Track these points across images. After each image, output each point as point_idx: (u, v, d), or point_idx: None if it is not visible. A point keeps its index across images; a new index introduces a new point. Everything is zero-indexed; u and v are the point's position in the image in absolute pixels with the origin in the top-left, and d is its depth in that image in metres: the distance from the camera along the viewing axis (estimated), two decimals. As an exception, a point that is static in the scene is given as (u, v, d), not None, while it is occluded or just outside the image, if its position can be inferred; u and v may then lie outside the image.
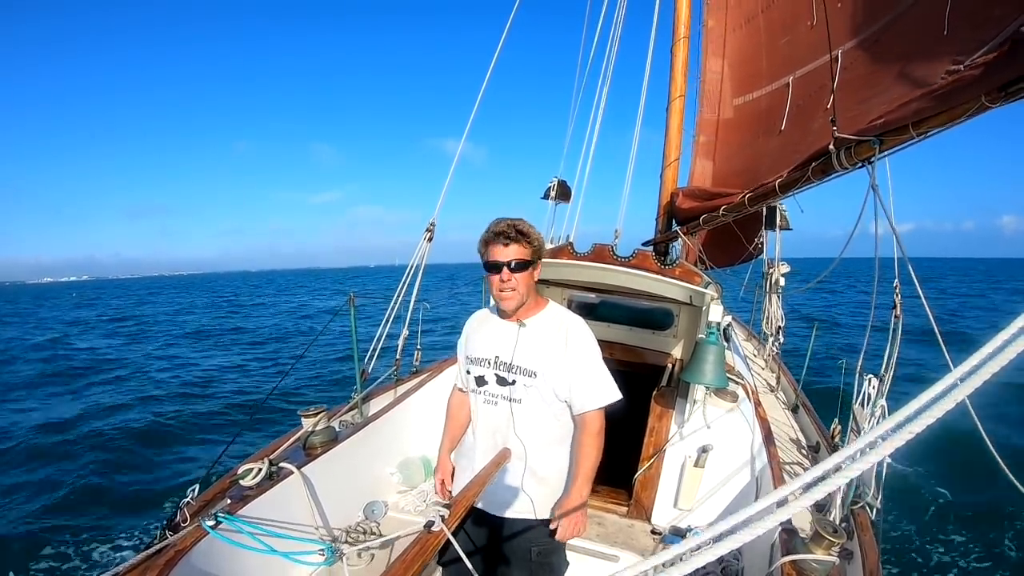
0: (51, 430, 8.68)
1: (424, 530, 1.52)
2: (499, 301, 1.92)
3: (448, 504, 1.66)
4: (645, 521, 2.90)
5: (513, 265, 1.82)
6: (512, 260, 1.82)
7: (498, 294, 1.89)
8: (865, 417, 2.38)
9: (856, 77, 2.83)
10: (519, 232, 1.83)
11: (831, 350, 11.92)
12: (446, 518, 1.55)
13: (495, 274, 1.85)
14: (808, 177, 2.51)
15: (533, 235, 1.87)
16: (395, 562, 1.39)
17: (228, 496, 2.26)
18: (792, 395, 4.37)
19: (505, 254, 1.82)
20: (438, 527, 1.51)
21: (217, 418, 9.26)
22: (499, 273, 1.83)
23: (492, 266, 1.85)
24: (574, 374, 1.91)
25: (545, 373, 1.90)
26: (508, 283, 1.84)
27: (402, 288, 3.81)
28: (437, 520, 1.53)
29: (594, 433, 1.94)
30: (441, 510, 1.59)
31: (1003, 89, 1.48)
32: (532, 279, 1.91)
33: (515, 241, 1.82)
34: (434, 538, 1.49)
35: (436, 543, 1.50)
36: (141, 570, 1.78)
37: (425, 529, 1.52)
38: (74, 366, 14.76)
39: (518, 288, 1.86)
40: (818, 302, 27.29)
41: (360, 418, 3.21)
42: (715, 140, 4.96)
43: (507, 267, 1.82)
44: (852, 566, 2.11)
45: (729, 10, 4.94)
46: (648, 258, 3.50)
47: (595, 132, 5.43)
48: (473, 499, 1.78)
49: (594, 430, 1.94)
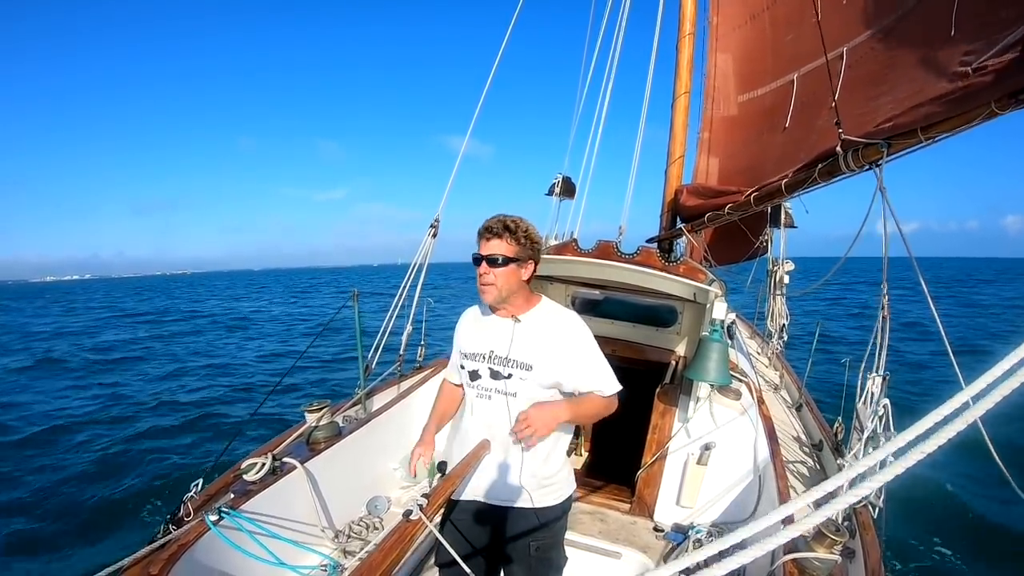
0: (52, 426, 8.72)
1: (403, 519, 1.54)
2: (480, 294, 1.94)
3: (427, 494, 1.68)
4: (647, 518, 2.91)
5: (491, 259, 1.83)
6: (491, 254, 1.83)
7: (479, 287, 1.90)
8: (868, 416, 2.38)
9: (863, 75, 2.82)
10: (504, 227, 1.82)
11: (834, 348, 11.92)
12: (424, 507, 1.58)
13: (477, 267, 1.87)
14: (815, 178, 2.50)
15: (521, 232, 1.84)
16: (374, 551, 1.41)
17: (231, 491, 2.28)
18: (795, 393, 4.37)
19: (486, 248, 1.83)
20: (416, 516, 1.54)
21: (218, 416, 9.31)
22: (479, 266, 1.85)
23: (474, 259, 1.88)
24: (576, 367, 1.92)
25: (541, 366, 1.91)
26: (485, 276, 1.85)
27: (406, 284, 3.81)
28: (415, 509, 1.56)
29: (604, 400, 1.96)
30: (420, 499, 1.61)
31: (1013, 96, 1.47)
32: (517, 276, 1.89)
33: (497, 236, 1.82)
34: (412, 527, 1.52)
35: (414, 531, 1.52)
36: (144, 564, 1.80)
37: (404, 518, 1.55)
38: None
39: (496, 283, 1.85)
40: (820, 303, 27.22)
41: (363, 413, 3.23)
42: (720, 137, 4.94)
43: (485, 261, 1.84)
44: (854, 564, 2.12)
45: (734, 7, 4.90)
46: (652, 255, 3.50)
47: (600, 129, 5.42)
48: (452, 489, 1.80)
49: (601, 399, 1.95)
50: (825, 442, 3.32)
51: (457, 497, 2.06)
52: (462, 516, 2.07)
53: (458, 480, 1.83)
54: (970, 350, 11.99)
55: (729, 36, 4.96)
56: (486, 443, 1.99)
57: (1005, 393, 0.54)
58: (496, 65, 4.55)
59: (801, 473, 3.08)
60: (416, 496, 1.64)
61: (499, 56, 4.56)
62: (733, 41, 4.92)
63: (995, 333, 16.37)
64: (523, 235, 1.85)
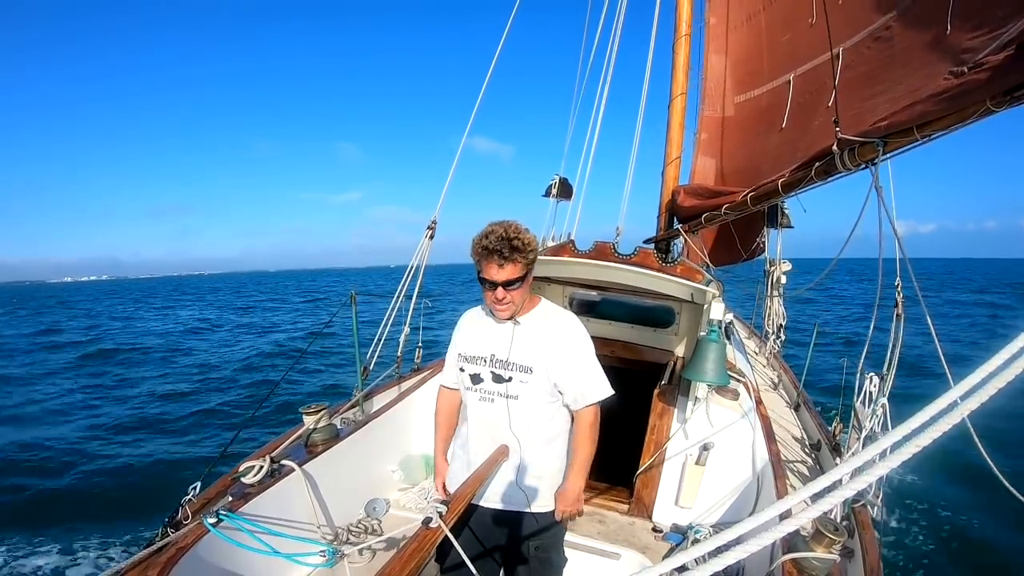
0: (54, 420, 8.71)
1: (422, 526, 1.54)
2: (494, 312, 1.93)
3: (446, 501, 1.67)
4: (646, 519, 2.91)
5: (508, 285, 1.81)
6: (507, 279, 1.80)
7: (493, 307, 1.90)
8: (866, 415, 2.39)
9: (859, 75, 2.83)
10: (513, 249, 1.77)
11: (831, 344, 11.92)
12: (444, 514, 1.57)
13: (490, 291, 1.85)
14: (811, 177, 2.51)
15: (526, 248, 1.81)
16: (393, 558, 1.40)
17: (230, 493, 2.27)
18: (793, 393, 4.37)
19: (500, 274, 1.79)
20: (436, 523, 1.53)
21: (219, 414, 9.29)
22: (494, 291, 1.83)
23: (487, 283, 1.84)
24: (568, 370, 1.93)
25: (541, 369, 1.92)
26: (503, 300, 1.84)
27: (403, 286, 3.81)
28: (435, 517, 1.55)
29: (587, 426, 1.98)
30: (439, 506, 1.60)
31: (1008, 93, 1.48)
32: (527, 286, 1.90)
33: (509, 261, 1.78)
34: (432, 534, 1.51)
35: (434, 539, 1.51)
36: (143, 568, 1.79)
37: (423, 525, 1.54)
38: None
39: (514, 301, 1.87)
40: (819, 303, 27.24)
41: (362, 415, 3.22)
42: (716, 138, 4.95)
43: (502, 287, 1.81)
44: (853, 564, 2.12)
45: (730, 7, 4.92)
46: (650, 256, 3.51)
47: (596, 130, 5.43)
48: (471, 495, 1.81)
49: (587, 423, 1.98)
50: (823, 442, 3.32)
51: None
52: (464, 519, 2.07)
53: (478, 486, 1.84)
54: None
55: (725, 37, 4.97)
56: (504, 448, 1.99)
57: (994, 390, 0.55)
58: (493, 65, 4.57)
59: (800, 472, 3.08)
60: (435, 503, 1.62)
61: (496, 55, 4.57)
62: (729, 42, 4.93)
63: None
64: (530, 251, 1.83)
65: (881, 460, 0.59)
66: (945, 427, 0.56)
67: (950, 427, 0.56)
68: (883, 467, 0.58)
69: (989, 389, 0.55)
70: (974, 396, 0.56)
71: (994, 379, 0.55)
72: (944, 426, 0.56)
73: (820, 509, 0.60)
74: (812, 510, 0.60)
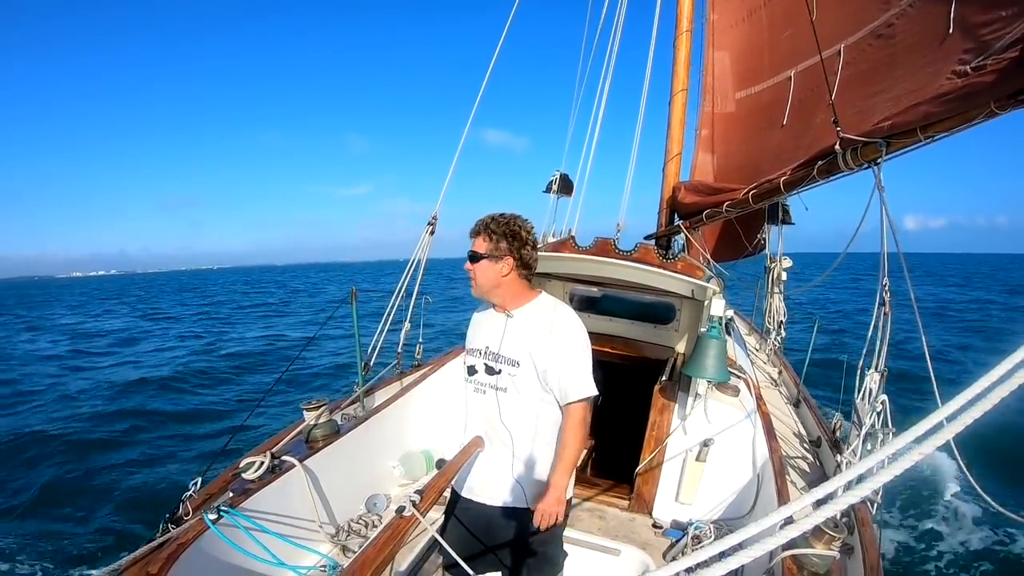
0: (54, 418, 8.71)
1: (396, 515, 1.57)
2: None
3: (420, 491, 1.70)
4: (646, 515, 2.92)
5: (471, 256, 1.93)
6: (472, 251, 1.93)
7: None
8: (867, 412, 2.39)
9: (860, 72, 2.82)
10: (484, 226, 1.91)
11: (832, 340, 11.92)
12: (417, 503, 1.61)
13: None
14: (813, 176, 2.50)
15: (499, 229, 1.90)
16: (367, 546, 1.44)
17: (230, 489, 2.28)
18: (794, 389, 4.38)
19: (472, 245, 1.94)
20: (409, 512, 1.57)
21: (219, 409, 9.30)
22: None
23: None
24: (554, 365, 1.91)
25: (527, 363, 1.92)
26: (469, 272, 1.95)
27: (403, 282, 3.81)
28: (408, 505, 1.59)
29: (575, 424, 1.93)
30: (413, 496, 1.63)
31: (1013, 96, 1.47)
32: (494, 271, 1.92)
33: (477, 234, 1.93)
34: (406, 522, 1.55)
35: (407, 527, 1.55)
36: (144, 563, 1.80)
37: (397, 514, 1.57)
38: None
39: (476, 278, 1.95)
40: (820, 299, 27.14)
41: (362, 411, 3.22)
42: (717, 134, 4.94)
43: (469, 259, 1.93)
44: (853, 561, 2.13)
45: (731, 3, 4.90)
46: (650, 252, 3.51)
47: (597, 126, 5.42)
48: (445, 485, 1.84)
49: (575, 421, 1.93)
50: (823, 438, 3.33)
51: (457, 494, 2.09)
52: (463, 516, 2.09)
53: (451, 476, 1.86)
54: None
55: (726, 33, 4.96)
56: (479, 440, 2.02)
57: (1001, 396, 0.55)
58: (494, 60, 4.55)
59: (800, 469, 3.08)
60: (410, 493, 1.66)
61: (497, 49, 4.55)
62: (730, 38, 4.92)
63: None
64: (500, 233, 1.89)
65: (885, 467, 0.59)
66: (950, 434, 0.56)
67: (954, 434, 0.56)
68: (889, 472, 0.58)
69: (999, 393, 0.55)
70: (979, 403, 0.56)
71: (1003, 384, 0.55)
72: (949, 433, 0.56)
73: (823, 515, 0.61)
74: (815, 516, 0.61)
